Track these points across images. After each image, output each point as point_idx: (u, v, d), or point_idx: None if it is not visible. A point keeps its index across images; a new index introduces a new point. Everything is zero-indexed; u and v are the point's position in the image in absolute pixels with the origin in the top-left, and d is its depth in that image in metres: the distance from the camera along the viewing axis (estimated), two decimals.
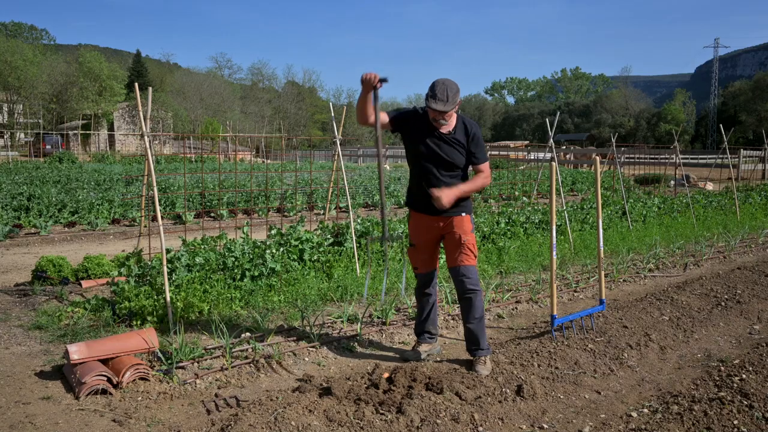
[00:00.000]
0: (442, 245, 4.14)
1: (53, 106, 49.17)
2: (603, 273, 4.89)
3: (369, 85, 3.69)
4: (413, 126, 3.94)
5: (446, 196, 3.74)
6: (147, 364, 3.78)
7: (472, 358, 4.03)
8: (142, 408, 3.39)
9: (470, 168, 4.06)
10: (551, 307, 4.49)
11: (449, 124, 3.90)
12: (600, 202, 4.97)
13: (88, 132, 42.79)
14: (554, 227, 4.51)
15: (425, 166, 3.91)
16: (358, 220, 7.11)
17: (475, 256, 3.98)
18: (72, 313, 4.91)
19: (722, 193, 13.24)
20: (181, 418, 3.29)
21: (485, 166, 3.98)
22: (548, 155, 9.11)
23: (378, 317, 5.05)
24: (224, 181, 16.20)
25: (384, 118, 3.93)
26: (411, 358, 4.19)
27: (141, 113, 4.90)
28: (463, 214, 3.96)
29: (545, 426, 3.25)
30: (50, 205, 10.73)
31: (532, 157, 26.66)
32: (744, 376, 3.79)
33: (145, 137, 4.88)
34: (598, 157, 5.52)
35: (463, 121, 3.95)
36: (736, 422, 3.18)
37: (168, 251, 5.26)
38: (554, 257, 4.54)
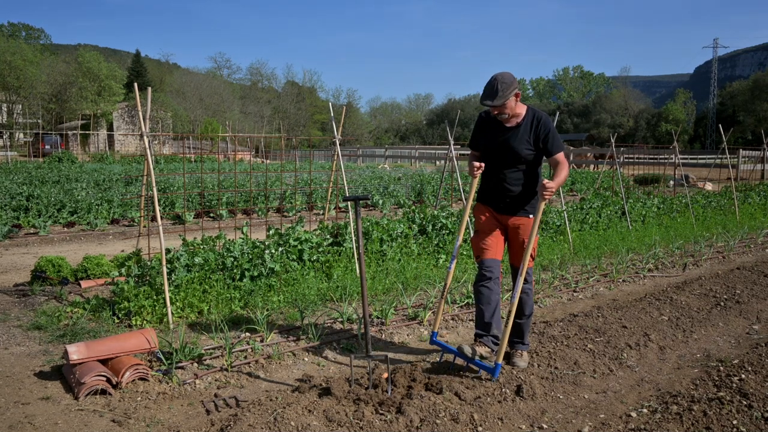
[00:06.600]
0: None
1: (52, 106, 49.12)
2: (508, 335, 3.71)
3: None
4: (483, 131, 4.05)
5: (555, 184, 3.72)
6: (146, 364, 3.78)
7: (511, 350, 4.08)
8: (141, 408, 3.38)
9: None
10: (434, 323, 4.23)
11: (518, 117, 3.92)
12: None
13: (87, 132, 42.75)
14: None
15: (493, 160, 3.94)
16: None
17: (533, 258, 4.00)
18: (71, 313, 4.91)
19: (721, 194, 13.22)
20: (181, 419, 3.29)
21: (560, 157, 3.90)
22: None
23: (378, 317, 5.05)
24: (224, 181, 16.19)
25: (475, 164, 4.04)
26: (464, 353, 3.77)
27: (140, 113, 4.90)
28: (531, 216, 3.96)
29: (545, 426, 3.25)
30: (49, 205, 10.72)
31: None
32: (743, 376, 3.80)
33: (145, 137, 4.88)
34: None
35: (533, 113, 3.94)
36: (735, 422, 3.18)
37: (167, 251, 5.26)
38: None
